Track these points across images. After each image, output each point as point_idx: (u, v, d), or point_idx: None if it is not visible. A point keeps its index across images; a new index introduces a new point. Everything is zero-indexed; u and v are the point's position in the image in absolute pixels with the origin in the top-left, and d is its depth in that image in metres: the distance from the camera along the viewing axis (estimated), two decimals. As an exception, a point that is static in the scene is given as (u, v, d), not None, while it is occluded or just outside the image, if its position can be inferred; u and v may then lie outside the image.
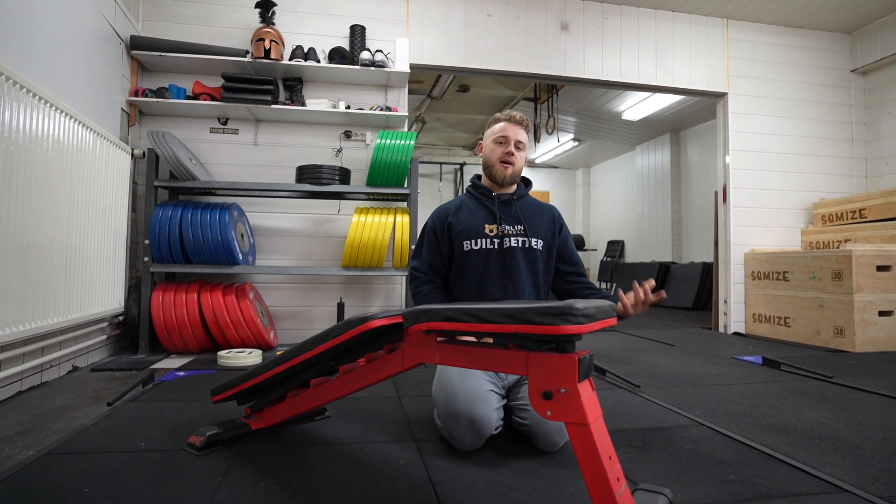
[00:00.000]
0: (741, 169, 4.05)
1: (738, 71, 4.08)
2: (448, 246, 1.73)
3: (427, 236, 1.78)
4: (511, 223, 1.70)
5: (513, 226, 1.70)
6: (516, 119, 1.72)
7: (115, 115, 2.82)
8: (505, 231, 1.68)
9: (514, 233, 1.68)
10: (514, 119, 1.71)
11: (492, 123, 1.77)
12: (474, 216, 1.72)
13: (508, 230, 1.69)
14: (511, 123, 1.71)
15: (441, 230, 1.75)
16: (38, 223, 1.92)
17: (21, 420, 1.69)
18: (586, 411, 0.92)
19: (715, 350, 3.21)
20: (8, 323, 1.74)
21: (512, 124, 1.71)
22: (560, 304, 0.88)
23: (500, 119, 1.73)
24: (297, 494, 1.15)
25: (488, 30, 3.68)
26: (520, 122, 1.72)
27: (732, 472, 1.31)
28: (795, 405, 1.96)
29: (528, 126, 1.75)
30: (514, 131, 1.70)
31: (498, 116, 1.75)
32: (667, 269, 6.40)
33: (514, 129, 1.70)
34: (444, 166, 8.95)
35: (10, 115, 1.72)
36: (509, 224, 1.70)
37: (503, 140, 1.70)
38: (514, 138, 1.70)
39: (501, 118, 1.73)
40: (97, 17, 2.56)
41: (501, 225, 1.69)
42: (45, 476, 1.22)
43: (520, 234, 1.69)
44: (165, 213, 2.79)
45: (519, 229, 1.69)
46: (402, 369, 1.18)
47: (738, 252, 4.03)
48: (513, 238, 1.67)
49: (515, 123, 1.71)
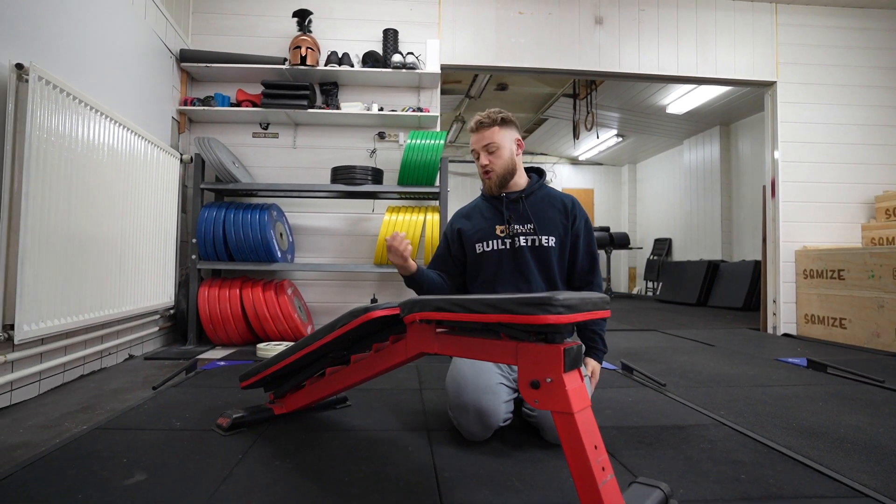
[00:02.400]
0: (791, 162, 3.84)
1: (787, 58, 3.87)
2: (459, 249, 1.75)
3: (442, 242, 1.83)
4: (521, 222, 1.68)
5: (522, 224, 1.67)
6: (476, 125, 1.67)
7: (165, 123, 3.04)
8: (515, 230, 1.66)
9: (524, 231, 1.66)
10: (475, 127, 1.67)
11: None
12: (486, 218, 1.72)
13: (518, 229, 1.66)
14: (475, 133, 1.68)
15: (452, 235, 1.78)
16: (94, 223, 2.12)
17: (81, 400, 1.88)
18: (571, 401, 0.94)
19: (758, 351, 3.07)
20: (69, 313, 1.93)
21: (476, 133, 1.67)
22: (541, 295, 0.90)
23: (471, 131, 1.70)
24: (306, 473, 1.23)
25: (520, 27, 3.68)
26: (482, 126, 1.66)
27: (745, 472, 1.28)
28: (834, 409, 1.86)
29: (499, 120, 1.65)
30: (478, 139, 1.67)
31: (470, 128, 1.72)
32: (715, 268, 6.13)
33: (478, 137, 1.66)
34: (485, 165, 8.95)
35: (70, 125, 1.92)
36: (519, 223, 1.67)
37: (476, 156, 1.69)
38: (481, 146, 1.66)
39: (471, 130, 1.70)
40: (149, 33, 2.78)
41: (511, 225, 1.67)
42: (92, 447, 1.36)
43: (529, 232, 1.66)
44: (210, 213, 2.98)
45: (529, 228, 1.66)
46: (405, 358, 1.23)
47: (788, 249, 3.83)
48: (522, 237, 1.65)
49: (479, 130, 1.67)
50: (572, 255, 1.70)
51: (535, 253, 1.65)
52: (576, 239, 1.70)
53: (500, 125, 1.66)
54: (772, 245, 3.91)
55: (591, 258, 1.72)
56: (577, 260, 1.71)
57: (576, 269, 1.71)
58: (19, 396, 1.82)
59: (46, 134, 1.76)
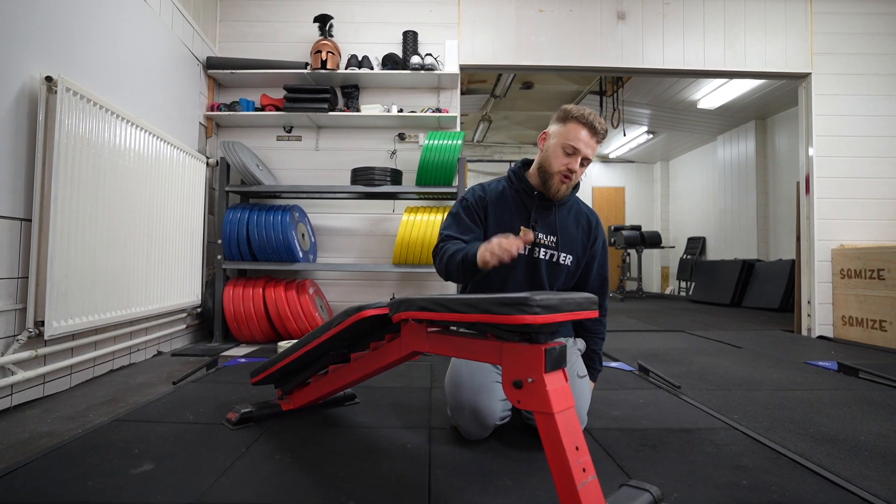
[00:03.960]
0: (827, 156, 3.66)
1: (823, 48, 3.69)
2: (482, 224, 1.56)
3: (463, 211, 1.57)
4: (545, 231, 1.56)
5: (546, 235, 1.56)
6: (596, 130, 1.47)
7: (193, 128, 3.17)
8: (538, 239, 1.54)
9: (546, 243, 1.55)
10: (595, 130, 1.47)
11: (566, 120, 1.49)
12: (511, 212, 1.56)
13: (541, 239, 1.55)
14: (590, 134, 1.47)
15: (476, 205, 1.57)
16: (120, 226, 2.24)
17: (107, 392, 1.99)
18: (552, 401, 0.94)
19: (787, 354, 2.95)
20: (97, 310, 2.05)
21: (590, 135, 1.47)
22: (518, 294, 0.91)
23: (581, 123, 1.47)
24: (304, 467, 1.27)
25: (540, 25, 3.65)
26: (598, 134, 1.48)
27: (747, 478, 1.24)
28: (858, 415, 1.77)
29: (603, 139, 1.52)
30: (587, 145, 1.47)
31: (577, 116, 1.47)
32: (750, 268, 5.90)
33: (589, 143, 1.47)
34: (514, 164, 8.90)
35: (97, 133, 2.03)
36: (543, 232, 1.55)
37: (572, 151, 1.47)
38: (584, 153, 1.48)
39: (583, 123, 1.47)
40: (176, 42, 2.91)
41: (535, 232, 1.54)
42: (109, 437, 1.45)
43: (550, 246, 1.55)
44: (235, 215, 3.09)
45: (551, 241, 1.55)
46: (399, 357, 1.25)
47: (823, 248, 3.65)
48: (542, 249, 1.55)
49: (594, 135, 1.48)
50: (584, 275, 1.64)
51: (549, 268, 1.57)
52: (591, 260, 1.63)
53: (600, 143, 1.52)
54: (806, 243, 3.74)
55: (601, 281, 1.67)
56: (589, 280, 1.64)
57: (585, 290, 1.62)
58: (51, 389, 1.94)
59: (74, 141, 1.88)
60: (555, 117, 1.53)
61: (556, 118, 1.52)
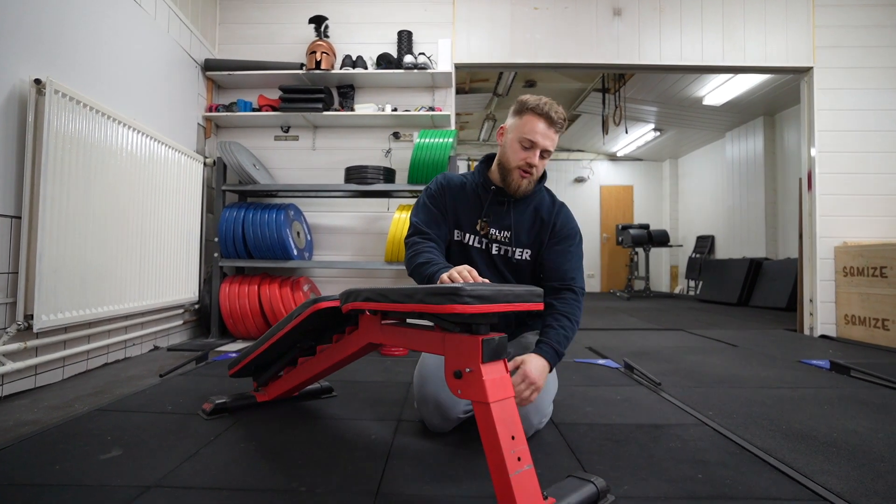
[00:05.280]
0: (831, 152, 3.59)
1: (826, 41, 3.62)
2: (444, 212, 1.52)
3: (428, 200, 1.54)
4: (498, 226, 1.50)
5: (499, 230, 1.50)
6: (553, 120, 1.39)
7: (191, 129, 3.24)
8: (491, 235, 1.50)
9: (500, 239, 1.50)
10: (551, 120, 1.38)
11: (522, 112, 1.41)
12: (468, 206, 1.52)
13: (494, 234, 1.50)
14: (547, 125, 1.38)
15: (441, 196, 1.53)
16: (112, 224, 2.30)
17: (97, 384, 2.05)
18: (488, 391, 0.96)
19: (783, 353, 2.90)
20: (87, 305, 2.11)
21: (548, 126, 1.38)
22: (449, 285, 0.92)
23: (536, 114, 1.38)
24: (264, 455, 1.30)
25: (535, 23, 3.65)
26: (556, 124, 1.40)
27: (704, 472, 1.23)
28: (839, 413, 1.74)
29: (565, 125, 1.45)
30: (545, 137, 1.39)
31: (533, 108, 1.39)
32: (758, 266, 5.80)
33: (546, 134, 1.39)
34: (519, 163, 8.87)
35: (86, 133, 2.10)
36: (495, 227, 1.50)
37: (529, 145, 1.40)
38: (543, 145, 1.40)
39: (539, 114, 1.38)
40: (173, 46, 2.98)
41: (488, 228, 1.50)
42: (86, 425, 1.50)
43: (504, 241, 1.50)
44: (231, 213, 3.15)
45: (505, 236, 1.50)
46: (357, 349, 1.28)
47: (826, 245, 3.58)
48: (495, 245, 1.51)
49: (551, 125, 1.39)
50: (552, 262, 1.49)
51: (506, 264, 1.52)
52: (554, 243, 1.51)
53: (559, 133, 1.43)
54: (808, 241, 3.67)
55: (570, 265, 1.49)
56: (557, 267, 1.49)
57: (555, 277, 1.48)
58: (43, 380, 2.01)
59: (63, 142, 1.94)
60: (511, 110, 1.47)
61: (512, 111, 1.46)
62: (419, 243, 1.44)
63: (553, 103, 1.41)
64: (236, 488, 1.11)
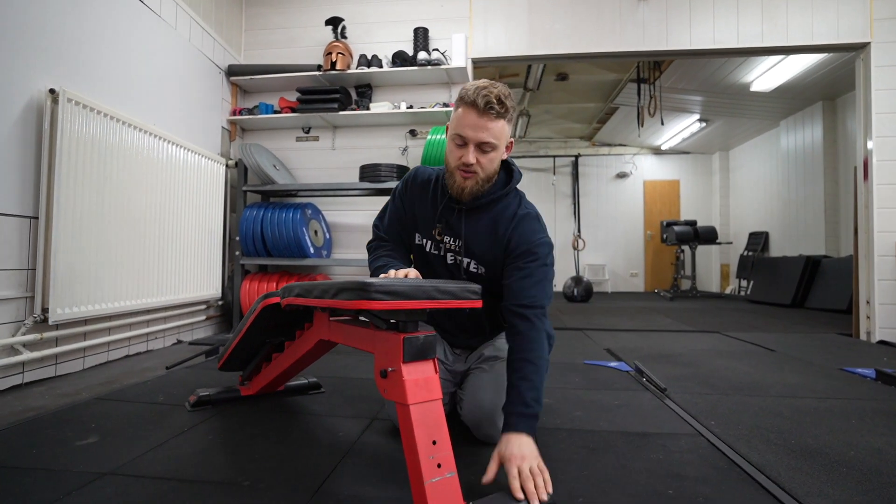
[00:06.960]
0: (890, 136, 3.24)
1: (885, 13, 3.27)
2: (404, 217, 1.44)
3: (392, 202, 1.46)
4: (450, 234, 1.35)
5: (452, 238, 1.35)
6: (481, 108, 1.17)
7: (215, 132, 3.37)
8: (446, 242, 1.36)
9: (453, 248, 1.35)
10: (480, 109, 1.17)
11: (457, 105, 1.24)
12: (426, 208, 1.38)
13: (449, 242, 1.35)
14: (478, 115, 1.18)
15: (403, 196, 1.43)
16: (129, 224, 2.43)
17: (111, 375, 2.17)
18: (408, 392, 0.92)
19: (826, 359, 2.64)
20: (104, 300, 2.24)
21: (479, 115, 1.18)
22: (358, 280, 0.89)
23: (466, 105, 1.20)
24: (227, 447, 1.32)
25: (555, 13, 3.53)
26: (491, 111, 1.17)
27: (677, 487, 1.13)
28: (866, 429, 1.55)
29: (507, 112, 1.21)
30: (478, 128, 1.19)
31: (462, 97, 1.21)
32: (815, 265, 5.34)
33: (478, 124, 1.18)
34: (558, 159, 8.66)
35: (101, 139, 2.22)
36: (448, 234, 1.35)
37: (462, 142, 1.22)
38: (477, 139, 1.20)
39: (467, 104, 1.19)
40: (195, 53, 3.11)
41: (441, 234, 1.36)
42: (80, 413, 1.58)
43: (456, 250, 1.34)
44: (250, 213, 3.25)
45: (457, 245, 1.34)
46: (311, 346, 1.27)
47: (884, 241, 3.24)
48: (450, 254, 1.36)
49: (483, 114, 1.17)
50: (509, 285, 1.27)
51: (466, 273, 1.35)
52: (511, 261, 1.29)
53: (506, 119, 1.22)
54: (864, 236, 3.34)
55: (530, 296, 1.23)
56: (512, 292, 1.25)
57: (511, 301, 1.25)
58: (63, 370, 2.14)
59: (77, 147, 2.06)
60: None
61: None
62: (378, 248, 1.42)
63: (488, 87, 1.19)
64: (184, 479, 1.13)
